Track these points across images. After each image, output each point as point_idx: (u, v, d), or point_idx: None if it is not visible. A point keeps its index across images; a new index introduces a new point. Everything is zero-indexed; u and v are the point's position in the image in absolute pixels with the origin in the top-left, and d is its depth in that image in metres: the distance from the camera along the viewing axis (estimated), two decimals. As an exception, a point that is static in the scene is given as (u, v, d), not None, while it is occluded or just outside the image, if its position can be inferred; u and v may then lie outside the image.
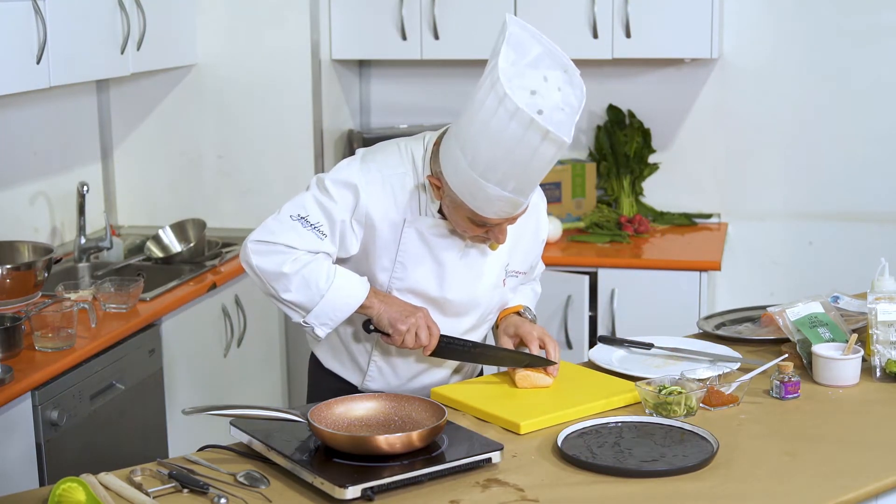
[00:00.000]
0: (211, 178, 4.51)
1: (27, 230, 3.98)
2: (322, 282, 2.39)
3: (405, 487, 2.04)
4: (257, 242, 2.41)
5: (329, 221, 2.41)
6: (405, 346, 2.44)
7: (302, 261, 2.39)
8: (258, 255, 2.41)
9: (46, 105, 4.10)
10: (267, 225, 2.43)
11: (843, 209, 4.59)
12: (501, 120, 2.19)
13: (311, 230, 2.40)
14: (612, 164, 4.66)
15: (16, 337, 3.01)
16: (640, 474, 2.09)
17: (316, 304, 2.41)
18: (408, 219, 2.44)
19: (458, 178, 2.31)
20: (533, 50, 2.22)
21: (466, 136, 2.27)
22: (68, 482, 1.97)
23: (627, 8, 4.24)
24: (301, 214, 2.41)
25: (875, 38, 4.46)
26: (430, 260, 2.48)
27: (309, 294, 2.40)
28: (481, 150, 2.24)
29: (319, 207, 2.41)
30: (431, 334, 2.46)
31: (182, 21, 4.31)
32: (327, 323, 2.44)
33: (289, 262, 2.39)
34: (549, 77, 2.21)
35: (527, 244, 2.62)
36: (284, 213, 2.42)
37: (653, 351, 2.77)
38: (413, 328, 2.43)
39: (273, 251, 2.40)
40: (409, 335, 2.43)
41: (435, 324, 2.47)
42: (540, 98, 2.18)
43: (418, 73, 4.82)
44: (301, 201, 2.43)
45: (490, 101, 2.20)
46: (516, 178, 2.26)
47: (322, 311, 2.42)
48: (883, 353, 2.61)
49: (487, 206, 2.32)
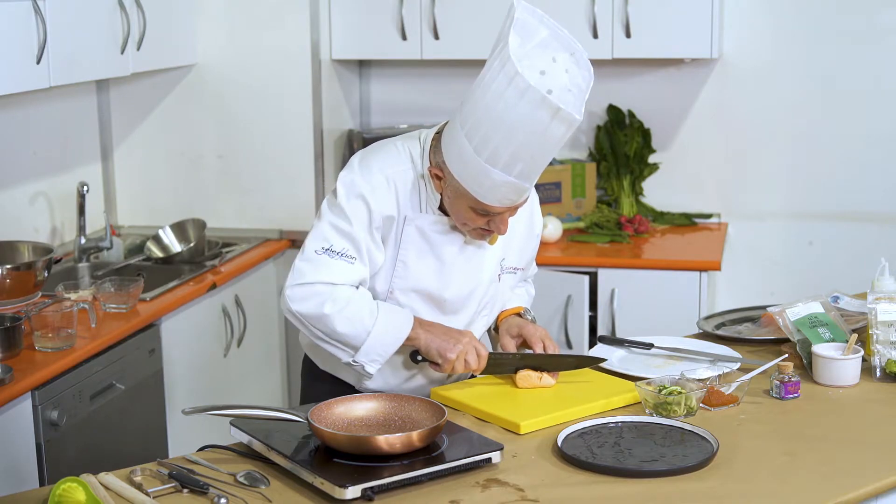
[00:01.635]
0: (211, 178, 4.51)
1: (27, 230, 3.98)
2: (367, 319, 2.39)
3: (405, 487, 2.04)
4: (293, 287, 2.39)
5: (353, 244, 2.40)
6: (455, 373, 2.45)
7: (343, 299, 2.38)
8: (297, 302, 2.39)
9: (46, 105, 4.09)
10: (296, 268, 2.41)
11: (843, 209, 4.59)
12: (511, 99, 2.19)
13: (340, 258, 2.39)
14: (612, 164, 4.66)
15: (16, 337, 3.01)
16: (640, 474, 2.09)
17: (363, 341, 2.40)
18: (408, 216, 2.44)
19: (463, 166, 2.31)
20: (540, 33, 2.22)
21: (473, 120, 2.27)
22: (68, 482, 1.97)
23: (627, 8, 4.24)
24: (324, 246, 2.39)
25: (875, 38, 4.46)
26: (431, 257, 2.47)
27: (355, 333, 2.39)
28: (489, 133, 2.24)
29: (339, 233, 2.40)
30: (480, 356, 2.46)
31: (182, 21, 4.31)
32: (376, 359, 2.43)
33: (329, 301, 2.37)
34: (557, 58, 2.21)
35: (521, 238, 2.61)
36: (309, 251, 2.41)
37: (653, 351, 2.77)
38: (462, 355, 2.43)
39: (311, 294, 2.38)
40: (458, 363, 2.43)
41: (482, 345, 2.47)
42: (549, 78, 2.19)
43: (418, 73, 4.82)
44: (320, 233, 2.41)
45: (500, 82, 2.20)
46: (523, 160, 2.26)
47: (370, 348, 2.41)
48: (883, 353, 2.61)
49: (492, 193, 2.31)
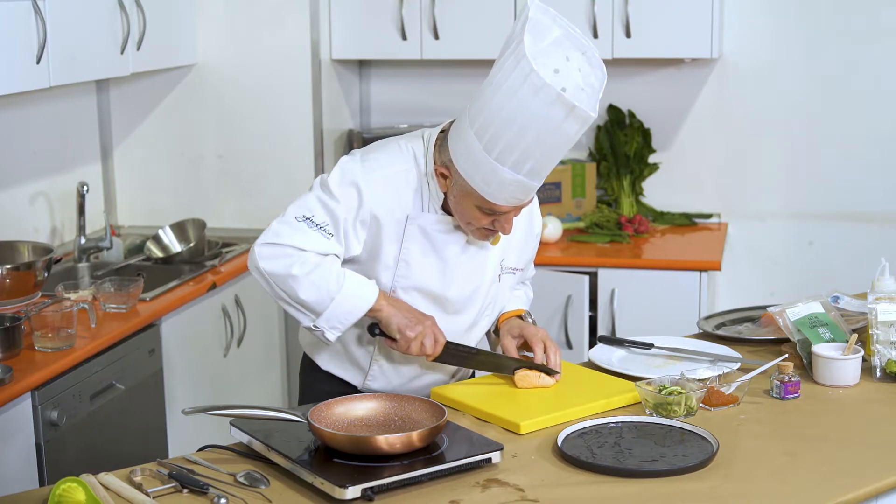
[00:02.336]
0: (211, 178, 4.51)
1: (27, 230, 3.98)
2: (332, 285, 2.38)
3: (405, 487, 2.04)
4: (264, 245, 2.39)
5: (333, 221, 2.40)
6: (409, 352, 2.44)
7: (311, 263, 2.38)
8: (266, 260, 2.39)
9: (46, 105, 4.09)
10: (272, 228, 2.41)
11: (843, 209, 4.59)
12: (525, 97, 2.20)
13: (317, 230, 2.39)
14: (612, 164, 4.66)
15: (16, 337, 3.01)
16: (640, 474, 2.08)
17: (326, 307, 2.39)
18: (410, 215, 2.44)
19: (471, 164, 2.31)
20: (553, 32, 2.23)
21: (483, 118, 2.26)
22: (68, 482, 1.97)
23: (627, 8, 4.24)
24: (306, 215, 2.39)
25: (875, 38, 4.46)
26: (433, 256, 2.47)
27: (319, 297, 2.38)
28: (499, 130, 2.24)
29: (323, 207, 2.40)
30: (437, 342, 2.45)
31: (182, 21, 4.31)
32: (337, 326, 2.42)
33: (297, 264, 2.37)
34: (570, 57, 2.22)
35: (521, 239, 2.61)
36: (289, 215, 2.41)
37: (653, 351, 2.77)
38: (420, 336, 2.42)
39: (281, 254, 2.38)
40: (415, 342, 2.42)
41: (441, 332, 2.46)
42: (563, 77, 2.20)
43: (418, 73, 4.82)
44: (305, 202, 2.41)
45: (513, 80, 2.20)
46: (534, 158, 2.26)
47: (332, 314, 2.40)
48: (883, 353, 2.61)
49: (500, 191, 2.31)
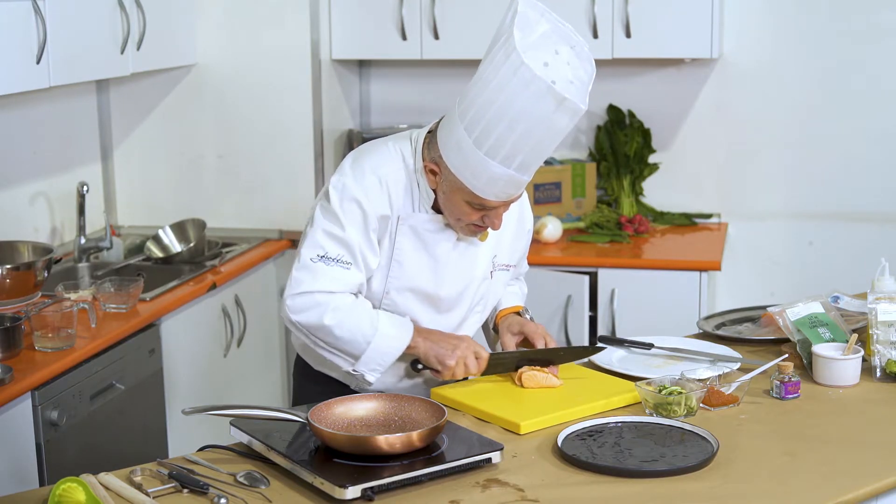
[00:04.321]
0: (211, 178, 4.51)
1: (27, 230, 3.98)
2: (367, 329, 2.39)
3: (405, 487, 2.04)
4: (292, 298, 2.39)
5: (347, 249, 2.40)
6: (456, 378, 2.46)
7: (342, 309, 2.38)
8: (298, 313, 2.40)
9: (46, 105, 4.09)
10: (294, 277, 2.41)
11: (843, 209, 4.59)
12: (515, 90, 2.20)
13: (335, 265, 2.39)
14: (612, 164, 4.66)
15: (16, 337, 3.01)
16: (640, 474, 2.09)
17: (363, 351, 2.41)
18: (402, 216, 2.44)
19: (461, 159, 2.31)
20: (541, 26, 2.24)
21: (474, 112, 2.27)
22: (68, 482, 1.97)
23: (627, 8, 4.24)
24: (319, 254, 2.40)
25: (875, 38, 4.46)
26: (425, 256, 2.48)
27: (355, 343, 2.40)
28: (490, 124, 2.25)
29: (332, 239, 2.40)
30: (480, 358, 2.46)
31: (182, 21, 4.31)
32: (376, 369, 2.44)
33: (328, 312, 2.38)
34: (559, 51, 2.23)
35: (512, 235, 2.62)
36: (304, 259, 2.41)
37: (653, 351, 2.77)
38: (461, 361, 2.43)
39: (311, 304, 2.38)
40: (458, 368, 2.44)
41: (481, 347, 2.48)
42: (552, 70, 2.21)
43: (418, 73, 4.82)
44: (314, 241, 2.41)
45: (503, 73, 2.21)
46: (524, 152, 2.27)
47: (370, 358, 2.42)
48: (883, 353, 2.61)
49: (489, 186, 2.32)
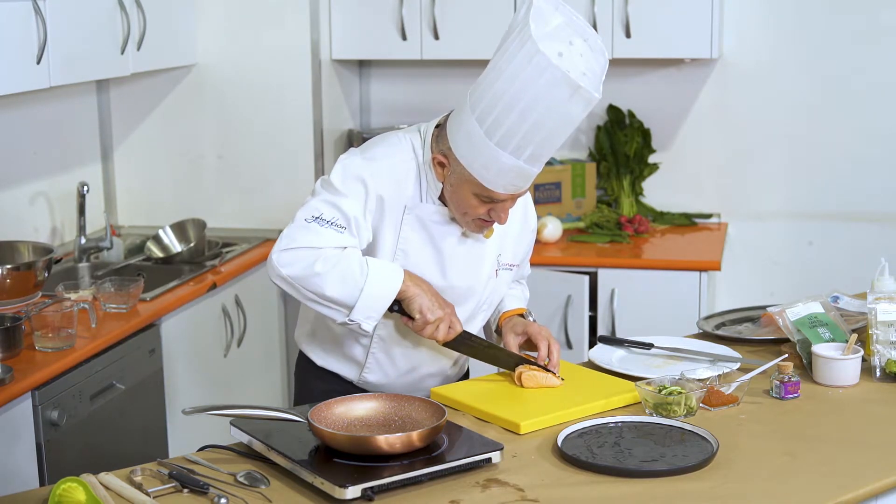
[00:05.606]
0: (211, 178, 4.51)
1: (27, 230, 3.98)
2: (357, 275, 2.37)
3: (405, 487, 2.04)
4: (281, 252, 2.39)
5: (343, 215, 2.40)
6: (423, 334, 2.43)
7: (332, 258, 2.37)
8: (286, 266, 2.38)
9: (46, 105, 4.09)
10: (285, 234, 2.41)
11: (843, 209, 4.59)
12: (530, 78, 2.22)
13: (329, 226, 2.39)
14: (612, 164, 4.66)
15: (16, 337, 3.01)
16: (640, 474, 2.09)
17: (356, 298, 2.37)
18: (409, 205, 2.45)
19: (471, 150, 2.32)
20: (555, 19, 2.25)
21: (486, 102, 2.28)
22: (68, 482, 1.97)
23: (627, 8, 4.24)
24: (314, 215, 2.40)
25: (875, 38, 4.46)
26: (430, 247, 2.48)
27: (347, 290, 2.37)
28: (502, 114, 2.26)
29: (330, 205, 2.40)
30: (453, 330, 2.45)
31: (182, 21, 4.31)
32: (372, 315, 2.40)
33: (318, 261, 2.36)
34: (573, 42, 2.25)
35: (516, 234, 2.63)
36: (299, 219, 2.41)
37: (653, 351, 2.77)
38: (438, 321, 2.41)
39: (299, 257, 2.37)
40: (431, 326, 2.41)
41: (459, 322, 2.47)
42: (566, 61, 2.22)
43: (418, 73, 4.82)
44: (311, 205, 2.42)
45: (518, 62, 2.22)
46: (535, 143, 2.28)
47: (364, 304, 2.39)
48: (883, 353, 2.61)
49: (499, 178, 2.33)
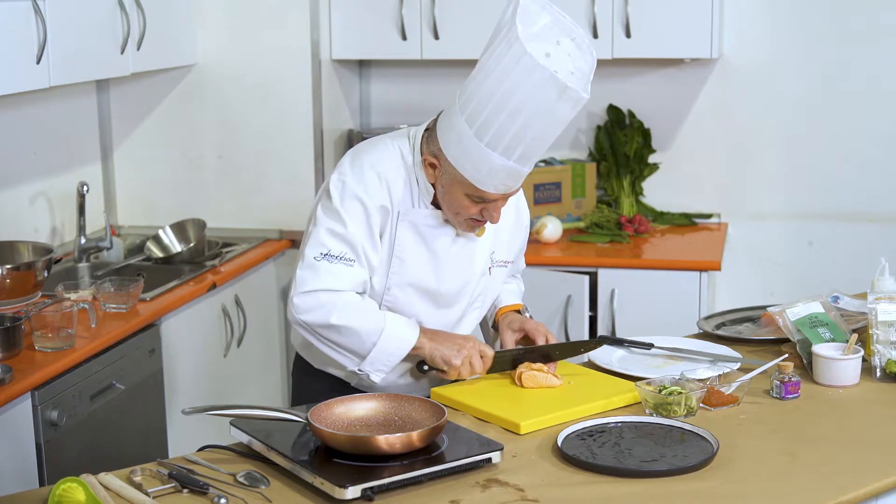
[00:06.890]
0: (211, 178, 4.51)
1: (27, 230, 3.98)
2: (373, 330, 2.41)
3: (405, 487, 2.04)
4: (298, 297, 2.41)
5: (350, 247, 2.41)
6: (462, 378, 2.48)
7: (349, 308, 2.40)
8: (304, 312, 2.41)
9: (46, 105, 4.09)
10: (298, 277, 2.43)
11: (843, 209, 4.59)
12: (518, 79, 2.22)
13: (338, 262, 2.41)
14: (612, 164, 4.66)
15: (16, 337, 3.01)
16: (640, 474, 2.09)
17: (369, 351, 2.42)
18: (401, 211, 2.45)
19: (462, 151, 2.33)
20: (542, 19, 2.26)
21: (475, 103, 2.28)
22: (68, 482, 1.97)
23: (627, 8, 4.24)
24: (323, 252, 2.41)
25: (875, 38, 4.46)
26: (425, 251, 2.49)
27: (361, 343, 2.42)
28: (492, 115, 2.26)
29: (335, 237, 2.41)
30: (485, 357, 2.48)
31: (182, 21, 4.31)
32: (381, 369, 2.46)
33: (335, 312, 2.39)
34: (560, 42, 2.25)
35: (509, 231, 2.63)
36: (308, 258, 2.42)
37: (653, 351, 2.77)
38: (466, 360, 2.45)
39: (317, 304, 2.39)
40: (464, 368, 2.46)
41: (486, 346, 2.50)
42: (553, 61, 2.23)
43: (418, 73, 4.82)
44: (317, 239, 2.43)
45: (506, 63, 2.23)
46: (525, 143, 2.29)
47: (375, 358, 2.43)
48: (883, 353, 2.61)
49: (489, 178, 2.34)
